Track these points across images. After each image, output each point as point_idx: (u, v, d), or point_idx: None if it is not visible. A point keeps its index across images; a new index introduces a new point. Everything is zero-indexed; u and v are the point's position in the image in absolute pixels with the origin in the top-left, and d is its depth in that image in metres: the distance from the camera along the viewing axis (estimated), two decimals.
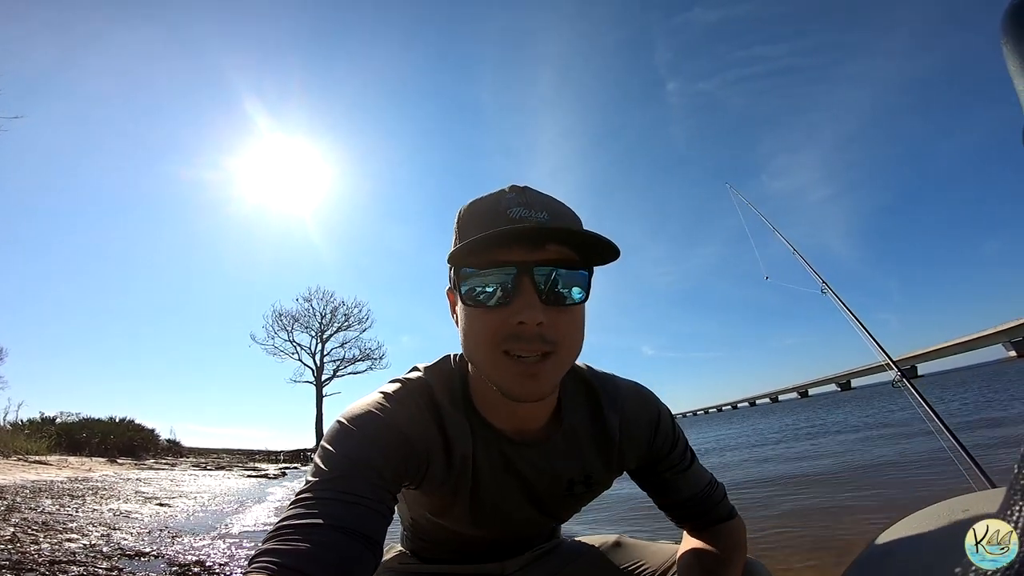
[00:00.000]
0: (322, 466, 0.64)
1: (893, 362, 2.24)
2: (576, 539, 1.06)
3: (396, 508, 0.69)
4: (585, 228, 0.70)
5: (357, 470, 0.63)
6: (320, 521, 0.58)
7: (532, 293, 0.64)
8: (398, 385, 0.77)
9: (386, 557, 1.01)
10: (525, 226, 0.64)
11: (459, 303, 0.71)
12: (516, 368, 0.65)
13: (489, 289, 0.65)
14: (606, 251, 0.67)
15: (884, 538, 0.92)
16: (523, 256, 0.64)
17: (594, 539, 1.04)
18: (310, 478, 0.64)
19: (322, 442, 0.69)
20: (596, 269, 0.70)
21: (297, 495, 0.63)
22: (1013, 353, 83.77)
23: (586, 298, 0.69)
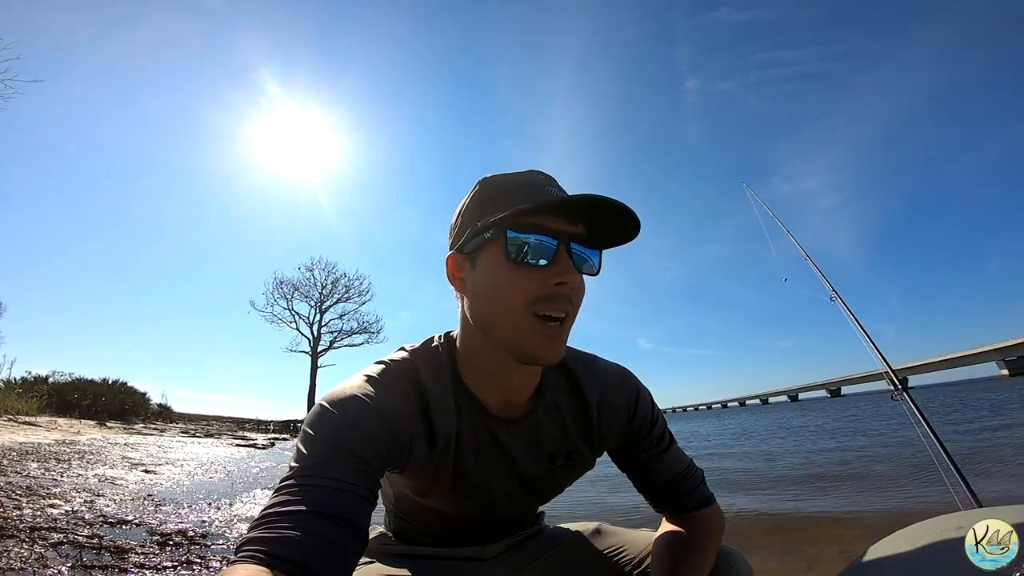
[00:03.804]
0: (304, 451, 0.64)
1: (894, 374, 2.22)
2: (557, 526, 1.07)
3: (379, 491, 0.69)
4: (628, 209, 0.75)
5: (339, 456, 0.63)
6: (304, 508, 0.58)
7: (568, 260, 0.70)
8: (382, 367, 0.77)
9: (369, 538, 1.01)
10: (595, 196, 0.68)
11: (480, 265, 0.74)
12: (543, 330, 0.70)
13: (536, 251, 0.70)
14: (624, 235, 0.75)
15: (868, 556, 0.92)
16: (563, 227, 0.71)
17: (575, 526, 1.05)
18: (293, 464, 0.64)
19: (304, 426, 0.69)
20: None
21: (281, 482, 0.62)
22: (1006, 372, 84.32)
23: (598, 272, 0.77)
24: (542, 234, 0.70)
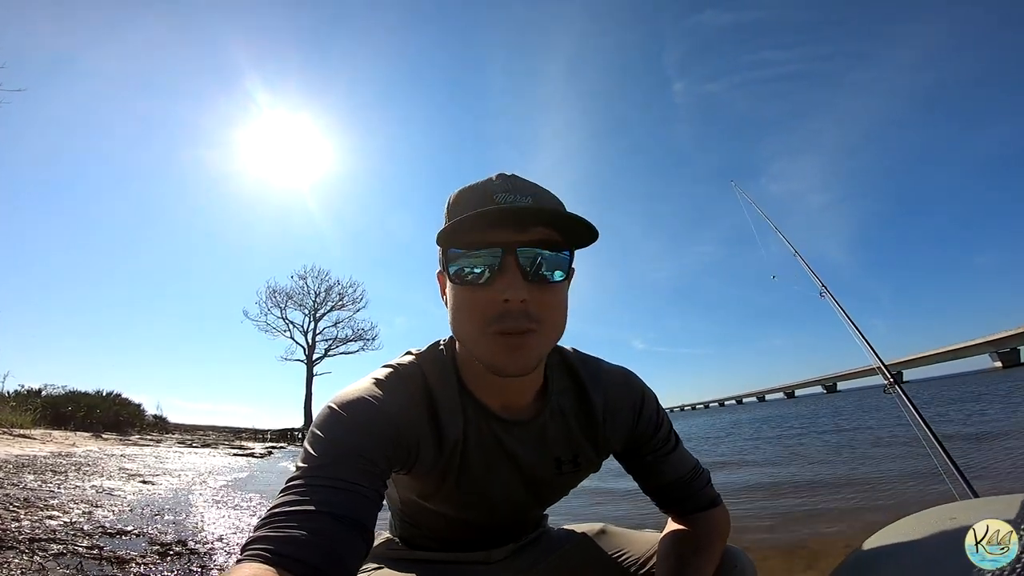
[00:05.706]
0: (312, 452, 0.64)
1: (886, 368, 2.24)
2: (561, 528, 1.07)
3: (385, 494, 0.69)
4: (568, 211, 0.72)
5: (347, 457, 0.63)
6: (312, 508, 0.57)
7: (516, 272, 0.66)
8: (390, 370, 0.77)
9: (374, 543, 1.01)
10: (508, 207, 0.66)
11: (448, 283, 0.72)
12: (504, 342, 0.67)
13: (477, 269, 0.68)
14: (586, 233, 0.69)
15: (868, 545, 0.92)
16: (508, 237, 0.67)
17: (580, 527, 1.05)
18: (300, 464, 0.64)
19: (312, 428, 0.69)
20: (589, 261, 0.74)
21: (288, 481, 0.62)
22: (999, 363, 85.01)
23: (568, 278, 0.72)
24: (481, 247, 0.67)
